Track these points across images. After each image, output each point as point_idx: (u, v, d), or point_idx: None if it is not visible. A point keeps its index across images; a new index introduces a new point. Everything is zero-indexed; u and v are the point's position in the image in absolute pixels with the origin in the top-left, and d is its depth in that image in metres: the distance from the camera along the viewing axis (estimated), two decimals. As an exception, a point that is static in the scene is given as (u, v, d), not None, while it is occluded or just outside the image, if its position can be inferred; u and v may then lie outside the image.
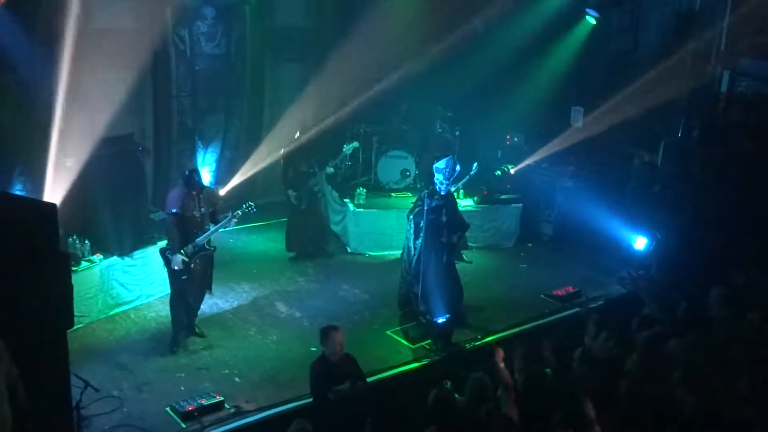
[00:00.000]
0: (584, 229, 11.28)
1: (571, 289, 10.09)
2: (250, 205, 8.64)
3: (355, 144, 11.29)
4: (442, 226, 8.85)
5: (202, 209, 8.49)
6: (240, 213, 8.59)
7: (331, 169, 10.98)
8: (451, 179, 8.88)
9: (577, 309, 9.52)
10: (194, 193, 8.42)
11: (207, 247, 8.57)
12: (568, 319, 9.39)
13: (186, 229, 8.43)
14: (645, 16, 12.11)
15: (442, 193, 8.82)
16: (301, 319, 9.45)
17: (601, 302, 9.76)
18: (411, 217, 9.03)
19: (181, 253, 8.36)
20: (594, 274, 10.81)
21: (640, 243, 10.83)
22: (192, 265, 8.49)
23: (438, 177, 8.85)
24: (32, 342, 5.84)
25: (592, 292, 10.09)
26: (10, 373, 5.51)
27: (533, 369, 6.37)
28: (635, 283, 10.07)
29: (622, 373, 6.41)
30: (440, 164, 8.84)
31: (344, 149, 11.12)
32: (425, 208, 8.70)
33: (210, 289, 8.96)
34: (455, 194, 10.52)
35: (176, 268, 8.35)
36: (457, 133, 12.69)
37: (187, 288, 8.59)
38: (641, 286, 9.53)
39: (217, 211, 8.70)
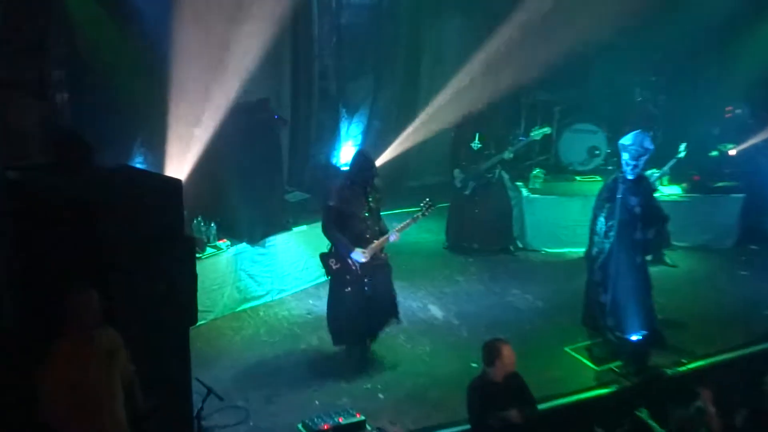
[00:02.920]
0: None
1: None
2: (430, 204, 8.39)
3: (546, 129, 11.26)
4: (635, 219, 8.59)
5: (371, 211, 8.30)
6: (420, 215, 8.39)
7: (510, 154, 10.96)
8: (640, 160, 8.54)
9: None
10: (360, 187, 8.28)
11: (379, 255, 8.40)
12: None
13: (348, 232, 8.28)
14: None
15: (630, 177, 8.55)
16: (459, 327, 9.48)
17: None
18: (596, 211, 8.84)
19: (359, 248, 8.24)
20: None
21: None
22: (361, 277, 8.35)
23: (624, 156, 8.59)
24: (151, 339, 6.14)
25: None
26: (126, 370, 5.84)
27: (756, 405, 6.10)
28: None
29: None
30: (626, 140, 8.59)
31: (532, 134, 11.16)
32: (618, 196, 8.47)
33: (397, 316, 8.77)
34: (658, 181, 10.19)
35: (364, 260, 8.23)
36: (662, 102, 12.27)
37: (352, 304, 8.42)
38: None
39: (379, 210, 8.51)
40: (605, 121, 12.32)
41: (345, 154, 12.07)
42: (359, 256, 8.23)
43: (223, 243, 9.59)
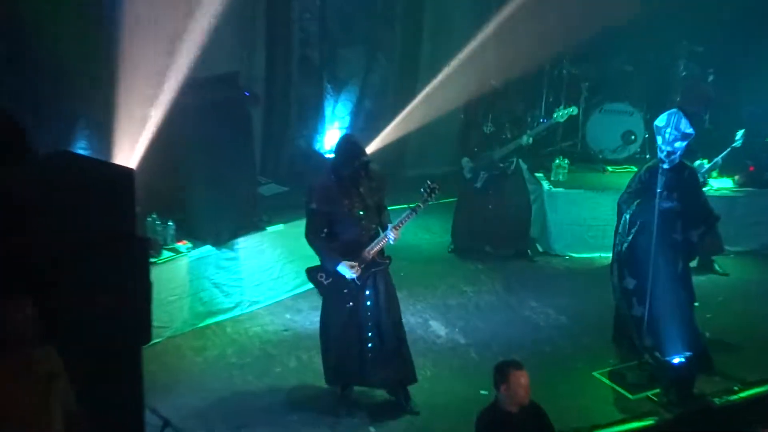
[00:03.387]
0: None
1: None
2: (433, 188, 8.09)
3: (572, 110, 11.19)
4: (675, 217, 8.59)
5: (367, 208, 8.08)
6: (421, 205, 8.12)
7: (529, 139, 10.96)
8: (675, 145, 8.51)
9: None
10: (349, 181, 8.01)
11: (378, 260, 8.22)
12: None
13: (341, 237, 8.13)
14: None
15: (665, 166, 8.55)
16: (466, 347, 9.52)
17: None
18: (621, 205, 8.89)
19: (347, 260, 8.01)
20: None
21: None
22: (361, 290, 8.17)
23: (658, 141, 8.60)
24: (96, 362, 6.12)
25: None
26: (66, 399, 5.83)
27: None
28: None
29: None
30: (659, 121, 8.59)
31: (555, 115, 11.10)
32: (659, 190, 8.48)
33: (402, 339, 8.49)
34: (706, 174, 10.20)
35: (354, 277, 8.02)
36: (711, 77, 12.31)
37: (352, 325, 8.25)
38: None
39: (382, 202, 8.29)
40: (643, 101, 12.34)
41: (330, 138, 12.07)
42: (347, 270, 8.00)
43: (183, 245, 9.60)
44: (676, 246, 8.66)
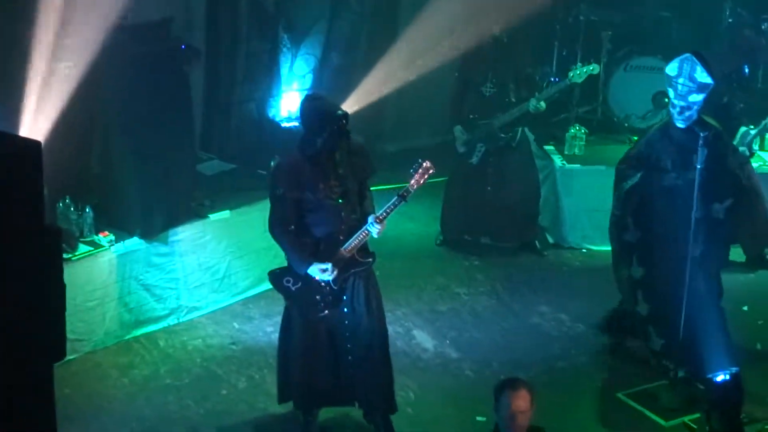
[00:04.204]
0: None
1: None
2: (426, 168, 7.96)
3: (593, 68, 11.12)
4: (695, 189, 8.57)
5: (346, 194, 8.01)
6: (411, 188, 7.97)
7: (539, 103, 10.94)
8: (690, 99, 8.52)
9: None
10: (326, 157, 7.90)
11: (359, 259, 8.21)
12: None
13: (314, 230, 8.06)
14: None
15: (679, 125, 8.57)
16: (459, 363, 9.57)
17: None
18: (626, 170, 8.90)
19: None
20: None
21: None
22: (338, 296, 8.13)
23: (670, 94, 8.63)
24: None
25: None
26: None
27: None
28: None
29: None
30: (670, 69, 8.59)
31: (570, 74, 11.03)
32: (698, 166, 8.50)
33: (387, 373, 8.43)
34: (752, 143, 10.27)
35: (327, 279, 7.96)
36: (766, 24, 12.38)
37: (322, 342, 8.26)
38: None
39: (365, 185, 8.25)
40: (679, 54, 12.37)
41: (288, 103, 12.07)
42: (318, 272, 7.93)
43: (104, 237, 9.57)
44: (698, 224, 8.55)
